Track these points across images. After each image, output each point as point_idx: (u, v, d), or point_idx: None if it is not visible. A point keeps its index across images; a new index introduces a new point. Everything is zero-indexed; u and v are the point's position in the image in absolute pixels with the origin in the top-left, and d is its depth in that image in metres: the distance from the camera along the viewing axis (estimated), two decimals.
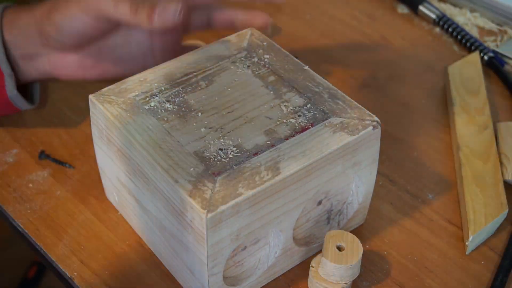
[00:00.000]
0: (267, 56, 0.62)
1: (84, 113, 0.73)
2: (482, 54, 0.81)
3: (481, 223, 0.60)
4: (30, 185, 0.66)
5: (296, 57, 0.62)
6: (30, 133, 0.71)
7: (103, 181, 0.63)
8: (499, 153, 0.67)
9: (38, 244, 0.61)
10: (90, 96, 0.57)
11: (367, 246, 0.61)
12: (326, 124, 0.55)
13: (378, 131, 0.56)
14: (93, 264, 0.59)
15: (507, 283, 0.58)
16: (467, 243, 0.60)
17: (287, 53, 0.63)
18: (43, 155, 0.66)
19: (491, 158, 0.67)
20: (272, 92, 0.58)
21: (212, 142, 0.53)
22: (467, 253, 0.60)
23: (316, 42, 0.85)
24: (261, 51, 0.62)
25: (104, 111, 0.56)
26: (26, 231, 0.62)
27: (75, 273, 0.59)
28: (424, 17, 0.88)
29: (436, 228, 0.63)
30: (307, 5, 0.91)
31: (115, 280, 0.58)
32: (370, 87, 0.78)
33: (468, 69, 0.78)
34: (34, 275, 1.15)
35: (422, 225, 0.63)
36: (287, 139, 0.54)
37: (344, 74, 0.80)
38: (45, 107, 0.74)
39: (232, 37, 0.64)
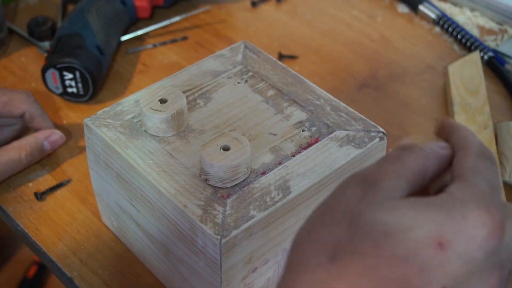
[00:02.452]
0: (264, 70, 0.60)
1: (84, 112, 0.73)
2: (482, 54, 0.81)
3: None
4: (30, 185, 0.66)
5: (295, 57, 0.61)
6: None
7: (99, 205, 0.61)
8: (498, 153, 0.67)
9: (38, 244, 0.61)
10: (85, 120, 0.55)
11: None
12: (332, 138, 0.53)
13: (384, 142, 0.54)
14: (93, 264, 0.59)
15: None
16: None
17: (284, 65, 0.61)
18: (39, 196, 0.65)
19: None
20: (272, 107, 0.56)
21: None
22: None
23: (316, 42, 0.85)
24: (256, 64, 0.60)
25: (102, 136, 0.53)
26: (26, 231, 0.62)
27: (75, 273, 0.59)
28: (424, 17, 0.88)
29: None
30: (307, 5, 0.91)
31: (115, 280, 0.58)
32: (370, 87, 0.78)
33: (468, 69, 0.78)
34: (34, 275, 1.15)
35: None
36: (294, 155, 0.52)
37: (344, 74, 0.80)
38: (45, 106, 0.74)
39: (225, 51, 0.62)
